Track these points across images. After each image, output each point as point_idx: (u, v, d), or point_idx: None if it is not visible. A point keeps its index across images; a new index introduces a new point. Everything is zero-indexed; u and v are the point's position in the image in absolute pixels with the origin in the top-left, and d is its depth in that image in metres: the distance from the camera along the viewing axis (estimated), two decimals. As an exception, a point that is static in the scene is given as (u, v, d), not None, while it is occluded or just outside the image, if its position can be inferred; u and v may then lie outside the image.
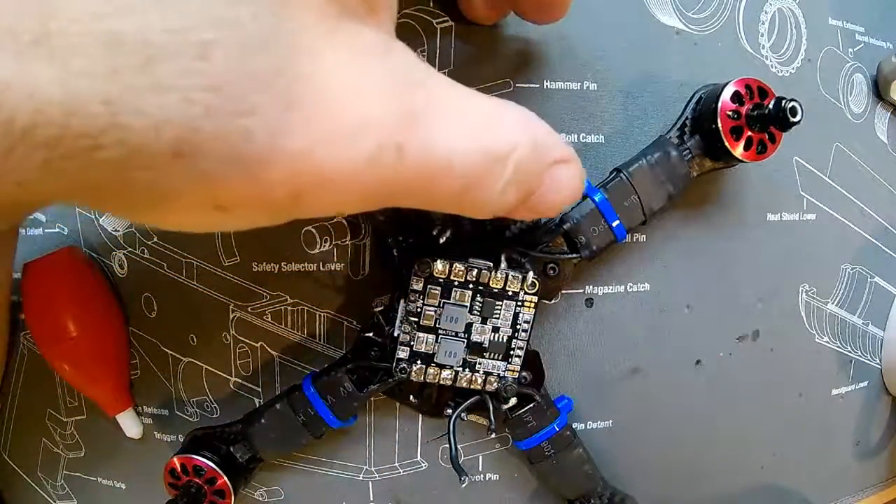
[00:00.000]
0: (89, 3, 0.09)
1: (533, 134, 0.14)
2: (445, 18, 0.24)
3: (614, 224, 0.23)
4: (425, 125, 0.12)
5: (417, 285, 0.22)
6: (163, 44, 0.09)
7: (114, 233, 0.26)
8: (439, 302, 0.22)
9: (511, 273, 0.23)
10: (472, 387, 0.24)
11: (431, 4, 0.24)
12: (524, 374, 0.25)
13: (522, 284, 0.23)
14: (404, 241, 0.23)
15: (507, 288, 0.23)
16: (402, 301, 0.23)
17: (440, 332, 0.23)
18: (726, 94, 0.23)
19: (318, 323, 0.26)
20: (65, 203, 0.17)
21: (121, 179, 0.10)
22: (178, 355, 0.27)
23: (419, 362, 0.23)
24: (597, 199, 0.23)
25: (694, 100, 0.25)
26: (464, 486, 0.24)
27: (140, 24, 0.09)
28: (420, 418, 0.27)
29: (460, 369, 0.23)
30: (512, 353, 0.24)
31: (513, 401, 0.24)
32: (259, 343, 0.26)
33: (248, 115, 0.10)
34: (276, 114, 0.11)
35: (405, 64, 0.12)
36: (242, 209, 0.12)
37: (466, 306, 0.23)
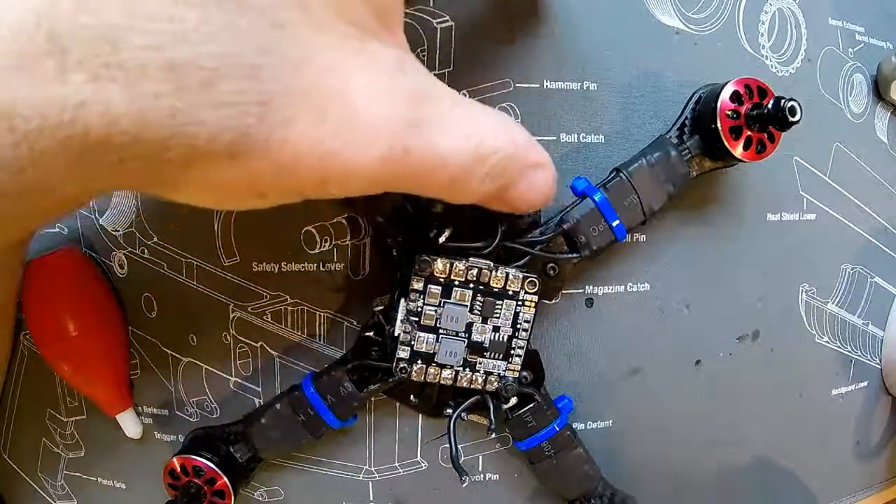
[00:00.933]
0: (149, 35, 0.11)
1: (512, 139, 0.16)
2: (445, 18, 0.24)
3: (614, 224, 0.23)
4: (428, 131, 0.15)
5: (418, 285, 0.22)
6: (218, 67, 0.12)
7: (114, 233, 0.26)
8: (440, 301, 0.22)
9: (511, 272, 0.23)
10: (472, 386, 0.24)
11: (432, 4, 0.24)
12: (524, 373, 0.25)
13: (523, 284, 0.23)
14: (404, 241, 0.23)
15: (508, 287, 0.23)
16: (402, 301, 0.23)
17: (440, 331, 0.23)
18: (725, 94, 0.23)
19: (318, 323, 0.26)
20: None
21: (181, 173, 0.13)
22: (178, 355, 0.27)
23: (419, 362, 0.23)
24: (597, 198, 0.23)
25: (693, 100, 0.25)
26: (464, 486, 0.24)
27: (194, 53, 0.12)
28: (420, 418, 0.27)
29: (461, 369, 0.23)
30: (512, 352, 0.24)
31: (513, 401, 0.25)
32: (259, 343, 0.26)
33: (291, 123, 0.13)
34: (312, 122, 0.13)
35: (415, 78, 0.15)
36: (278, 194, 0.14)
37: (467, 306, 0.23)
